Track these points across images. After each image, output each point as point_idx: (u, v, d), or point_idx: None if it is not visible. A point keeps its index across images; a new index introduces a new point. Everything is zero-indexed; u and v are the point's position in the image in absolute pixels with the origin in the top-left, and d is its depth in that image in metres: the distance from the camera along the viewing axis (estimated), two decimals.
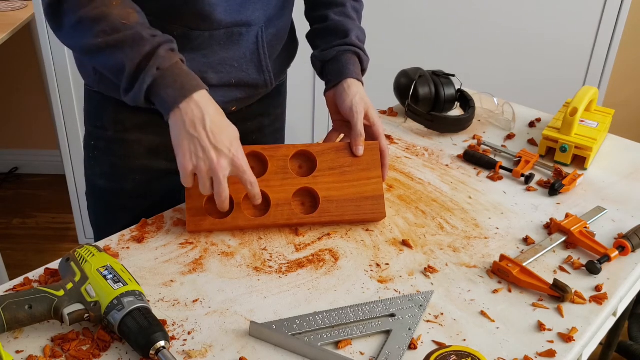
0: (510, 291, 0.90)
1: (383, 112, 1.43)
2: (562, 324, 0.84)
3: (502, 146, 1.29)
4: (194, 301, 0.86)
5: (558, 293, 0.88)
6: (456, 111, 1.42)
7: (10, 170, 3.03)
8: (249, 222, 0.99)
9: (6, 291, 0.85)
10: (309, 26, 1.17)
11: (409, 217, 1.06)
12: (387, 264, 0.95)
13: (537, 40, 2.12)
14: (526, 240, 1.01)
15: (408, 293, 0.89)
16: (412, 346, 0.80)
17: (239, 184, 0.95)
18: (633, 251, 0.99)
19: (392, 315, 0.84)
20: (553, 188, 1.13)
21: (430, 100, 1.36)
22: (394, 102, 1.44)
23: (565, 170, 1.20)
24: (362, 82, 1.10)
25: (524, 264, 0.92)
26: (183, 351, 0.78)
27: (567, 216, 1.06)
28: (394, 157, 1.24)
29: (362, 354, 0.79)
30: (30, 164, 3.04)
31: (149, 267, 0.92)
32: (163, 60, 0.88)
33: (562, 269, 0.95)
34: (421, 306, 0.86)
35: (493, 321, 0.85)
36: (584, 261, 0.96)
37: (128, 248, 0.95)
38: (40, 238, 2.65)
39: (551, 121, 1.29)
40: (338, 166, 1.03)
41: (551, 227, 1.03)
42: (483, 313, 0.86)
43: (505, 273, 0.92)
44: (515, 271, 0.91)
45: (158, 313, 0.82)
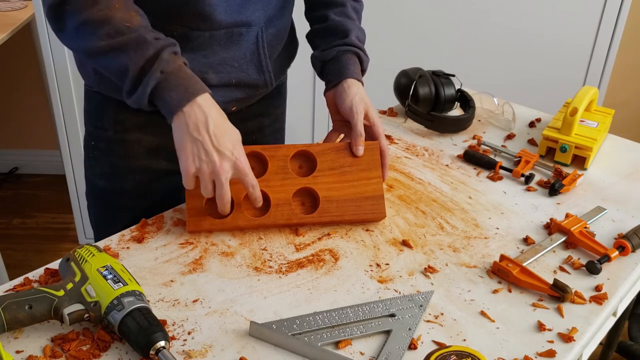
0: (510, 291, 0.90)
1: (383, 112, 1.43)
2: (562, 324, 0.84)
3: (502, 146, 1.29)
4: (194, 301, 0.86)
5: (558, 293, 0.88)
6: (456, 111, 1.42)
7: (10, 170, 3.03)
8: (249, 222, 0.99)
9: (6, 291, 0.85)
10: (309, 26, 1.17)
11: (409, 217, 1.06)
12: (387, 264, 0.95)
13: (537, 40, 2.12)
14: (526, 240, 1.01)
15: (408, 293, 0.89)
16: (412, 346, 0.80)
17: (239, 184, 0.95)
18: (633, 251, 0.99)
19: (392, 315, 0.84)
20: (553, 188, 1.13)
21: (430, 100, 1.36)
22: (394, 102, 1.44)
23: (565, 170, 1.20)
24: (362, 82, 1.10)
25: (524, 264, 0.92)
26: (183, 351, 0.78)
27: (567, 216, 1.06)
28: (394, 157, 1.24)
29: (362, 354, 0.79)
30: (30, 164, 3.04)
31: (149, 267, 0.92)
32: (167, 63, 0.89)
33: (562, 269, 0.95)
34: (421, 306, 0.86)
35: (493, 321, 0.85)
36: (584, 261, 0.96)
37: (128, 248, 0.95)
38: (40, 238, 2.65)
39: (551, 121, 1.29)
40: (338, 166, 1.03)
41: (551, 227, 1.03)
42: (483, 313, 0.86)
43: (505, 273, 0.92)
44: (515, 271, 0.91)
45: (158, 313, 0.82)
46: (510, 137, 1.34)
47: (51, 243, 2.61)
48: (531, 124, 1.39)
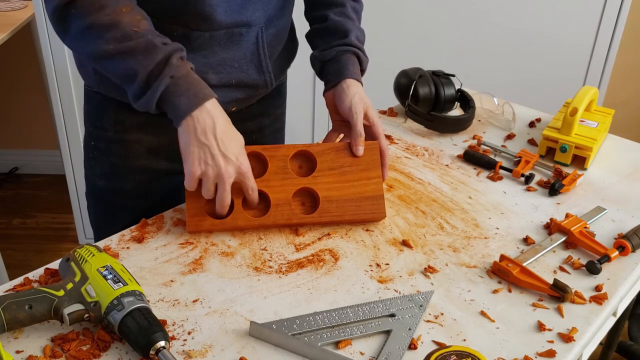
0: (510, 291, 0.90)
1: (383, 112, 1.43)
2: (562, 324, 0.84)
3: (502, 146, 1.29)
4: (194, 301, 0.86)
5: (558, 293, 0.88)
6: (456, 111, 1.42)
7: (10, 170, 3.03)
8: (249, 222, 0.99)
9: (6, 291, 0.85)
10: (309, 26, 1.17)
11: (409, 217, 1.06)
12: (387, 264, 0.95)
13: (537, 40, 2.12)
14: (526, 240, 1.01)
15: (408, 293, 0.89)
16: (412, 346, 0.80)
17: (238, 184, 0.96)
18: (633, 251, 0.98)
19: (392, 315, 0.84)
20: (553, 188, 1.13)
21: (430, 100, 1.36)
22: (394, 102, 1.44)
23: (565, 170, 1.20)
24: (362, 83, 1.10)
25: (524, 264, 0.92)
26: (183, 351, 0.78)
27: (567, 216, 1.06)
28: (394, 157, 1.24)
29: (362, 354, 0.79)
30: (30, 164, 3.04)
31: (149, 267, 0.92)
32: (176, 69, 0.90)
33: (562, 269, 0.95)
34: (421, 306, 0.86)
35: (493, 321, 0.85)
36: (584, 261, 0.96)
37: (128, 248, 0.95)
38: (40, 238, 2.65)
39: (551, 121, 1.29)
40: (338, 166, 1.03)
41: (551, 227, 1.03)
42: (483, 313, 0.86)
43: (505, 273, 0.92)
44: (515, 271, 0.91)
45: (158, 313, 0.82)
46: (510, 137, 1.34)
47: (51, 243, 2.61)
48: (531, 124, 1.39)
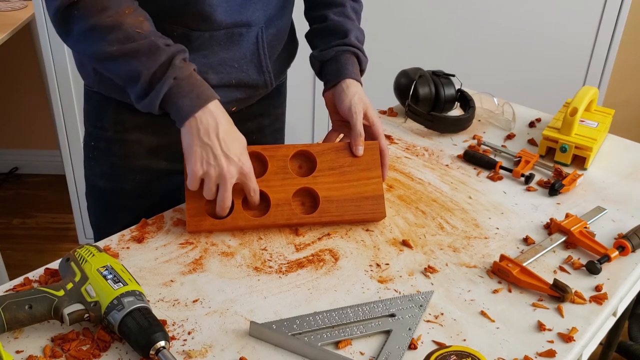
0: (510, 291, 0.90)
1: (383, 112, 1.43)
2: (562, 324, 0.84)
3: (502, 146, 1.29)
4: (194, 301, 0.86)
5: (558, 293, 0.88)
6: (456, 111, 1.42)
7: (10, 170, 3.03)
8: (249, 222, 0.99)
9: (6, 291, 0.85)
10: (309, 26, 1.17)
11: (409, 217, 1.06)
12: (387, 264, 0.95)
13: (537, 40, 2.12)
14: (526, 240, 1.01)
15: (408, 293, 0.89)
16: (412, 346, 0.80)
17: (239, 185, 0.96)
18: (633, 251, 0.98)
19: (392, 315, 0.84)
20: (553, 188, 1.13)
21: (430, 100, 1.36)
22: (394, 102, 1.44)
23: (565, 170, 1.20)
24: (361, 83, 1.10)
25: (524, 264, 0.92)
26: (183, 351, 0.78)
27: (567, 216, 1.06)
28: (394, 157, 1.24)
29: (362, 354, 0.79)
30: (30, 164, 3.04)
31: (149, 267, 0.92)
32: (180, 70, 0.90)
33: (562, 269, 0.95)
34: (421, 306, 0.86)
35: (493, 321, 0.85)
36: (584, 261, 0.96)
37: (128, 248, 0.95)
38: (40, 238, 2.65)
39: (551, 121, 1.29)
40: (338, 166, 1.03)
41: (551, 227, 1.03)
42: (483, 313, 0.86)
43: (505, 273, 0.92)
44: (515, 271, 0.91)
45: (158, 313, 0.82)
46: (510, 137, 1.34)
47: (51, 243, 2.61)
48: (531, 124, 1.39)
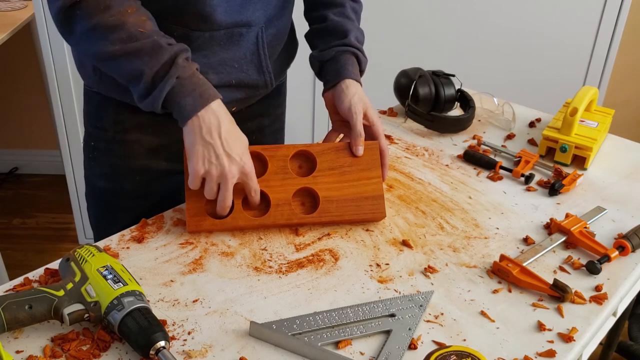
0: (510, 291, 0.90)
1: (383, 112, 1.43)
2: (562, 324, 0.84)
3: (502, 146, 1.29)
4: (194, 301, 0.86)
5: (558, 293, 0.88)
6: (456, 111, 1.42)
7: (10, 170, 3.03)
8: (249, 222, 0.99)
9: (6, 291, 0.85)
10: (308, 26, 1.17)
11: (409, 217, 1.06)
12: (387, 264, 0.95)
13: (537, 40, 2.12)
14: (526, 240, 1.01)
15: (408, 293, 0.89)
16: (412, 346, 0.80)
17: (241, 186, 0.96)
18: (633, 251, 0.98)
19: (392, 315, 0.84)
20: (553, 188, 1.13)
21: (430, 100, 1.36)
22: (394, 102, 1.44)
23: (565, 170, 1.20)
24: (361, 83, 1.10)
25: (524, 264, 0.92)
26: (183, 351, 0.78)
27: (567, 216, 1.06)
28: (394, 157, 1.24)
29: (362, 354, 0.79)
30: (30, 164, 3.04)
31: (149, 267, 0.92)
32: (182, 69, 0.90)
33: (562, 269, 0.95)
34: (421, 306, 0.86)
35: (493, 321, 0.85)
36: (584, 261, 0.96)
37: (128, 248, 0.95)
38: (40, 238, 2.65)
39: (551, 121, 1.29)
40: (338, 166, 1.03)
41: (551, 227, 1.03)
42: (483, 313, 0.86)
43: (505, 273, 0.92)
44: (515, 271, 0.91)
45: (158, 313, 0.82)
46: (510, 137, 1.34)
47: (51, 243, 2.61)
48: (531, 124, 1.39)
